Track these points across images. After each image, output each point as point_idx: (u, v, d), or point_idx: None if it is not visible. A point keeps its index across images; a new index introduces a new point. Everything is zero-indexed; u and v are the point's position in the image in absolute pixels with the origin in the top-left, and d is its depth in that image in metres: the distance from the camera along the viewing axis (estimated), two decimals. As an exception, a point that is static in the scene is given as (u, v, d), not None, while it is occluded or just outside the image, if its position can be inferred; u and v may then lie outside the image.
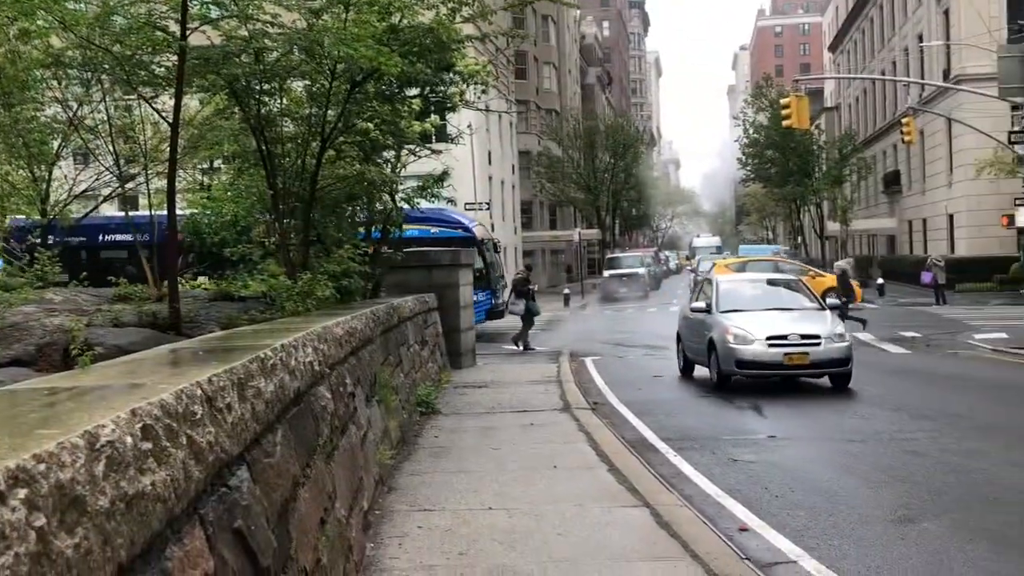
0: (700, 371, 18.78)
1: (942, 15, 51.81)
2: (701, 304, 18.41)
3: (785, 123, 36.91)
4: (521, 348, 25.48)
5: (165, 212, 12.73)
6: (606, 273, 57.83)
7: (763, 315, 17.45)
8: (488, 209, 49.22)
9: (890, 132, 61.36)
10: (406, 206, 17.78)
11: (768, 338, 16.45)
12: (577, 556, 7.11)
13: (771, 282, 21.57)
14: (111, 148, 17.70)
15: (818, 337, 16.50)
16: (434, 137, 19.14)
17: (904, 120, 41.45)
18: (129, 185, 18.94)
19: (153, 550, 3.01)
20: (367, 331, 9.83)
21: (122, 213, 21.65)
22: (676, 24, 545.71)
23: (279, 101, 14.45)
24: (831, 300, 18.93)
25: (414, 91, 16.86)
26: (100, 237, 26.94)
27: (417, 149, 17.35)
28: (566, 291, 52.00)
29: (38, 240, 16.85)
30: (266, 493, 4.45)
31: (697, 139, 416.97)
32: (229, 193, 16.80)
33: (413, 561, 7.04)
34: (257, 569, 4.04)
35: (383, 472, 9.38)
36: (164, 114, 14.72)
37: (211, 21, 12.12)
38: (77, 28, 11.99)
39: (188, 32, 11.22)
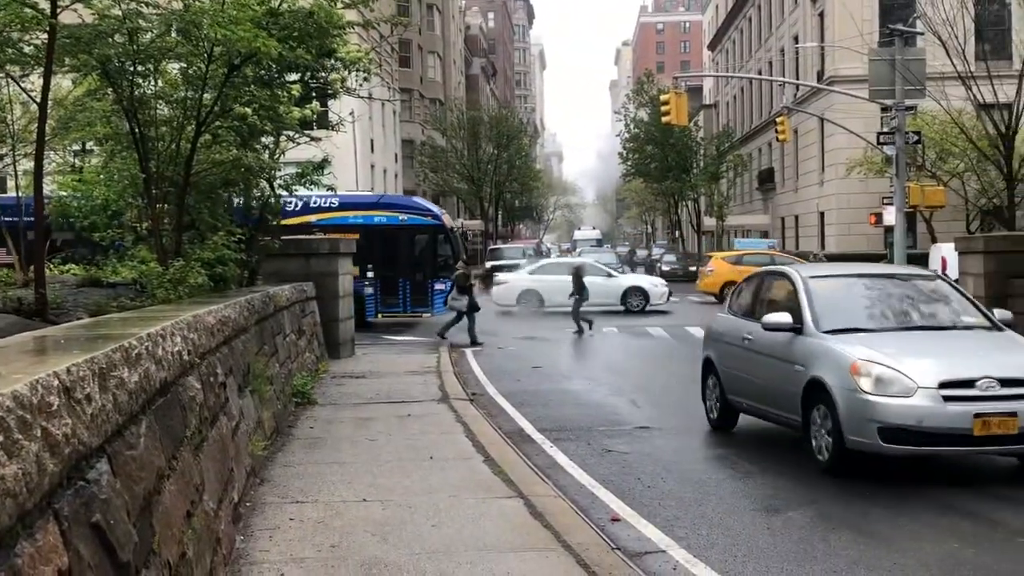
0: (749, 421, 12.40)
1: (817, 17, 53.24)
2: (781, 318, 10.94)
3: (665, 119, 37.45)
4: (470, 341, 24.30)
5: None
6: (488, 264, 57.94)
7: (908, 340, 10.51)
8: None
9: (765, 130, 62.84)
10: (284, 193, 17.54)
11: (942, 384, 9.40)
12: (450, 547, 7.11)
13: (891, 278, 12.59)
14: (-24, 128, 17.06)
15: None
16: (315, 124, 18.90)
17: (779, 119, 42.45)
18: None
19: (2, 546, 2.91)
20: (241, 320, 9.67)
21: None
22: (561, 18, 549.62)
23: (154, 83, 14.10)
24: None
25: (294, 76, 16.62)
26: None
27: (296, 136, 17.10)
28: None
29: None
30: (128, 486, 4.34)
31: (580, 132, 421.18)
32: (101, 176, 16.33)
33: (284, 554, 6.96)
34: (116, 564, 3.93)
35: (256, 463, 9.24)
36: (33, 94, 14.23)
37: (83, -1, 11.73)
38: (-60, 3, 11.49)
39: (59, 10, 10.85)
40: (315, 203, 29.23)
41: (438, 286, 29.04)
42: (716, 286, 37.58)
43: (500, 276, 36.95)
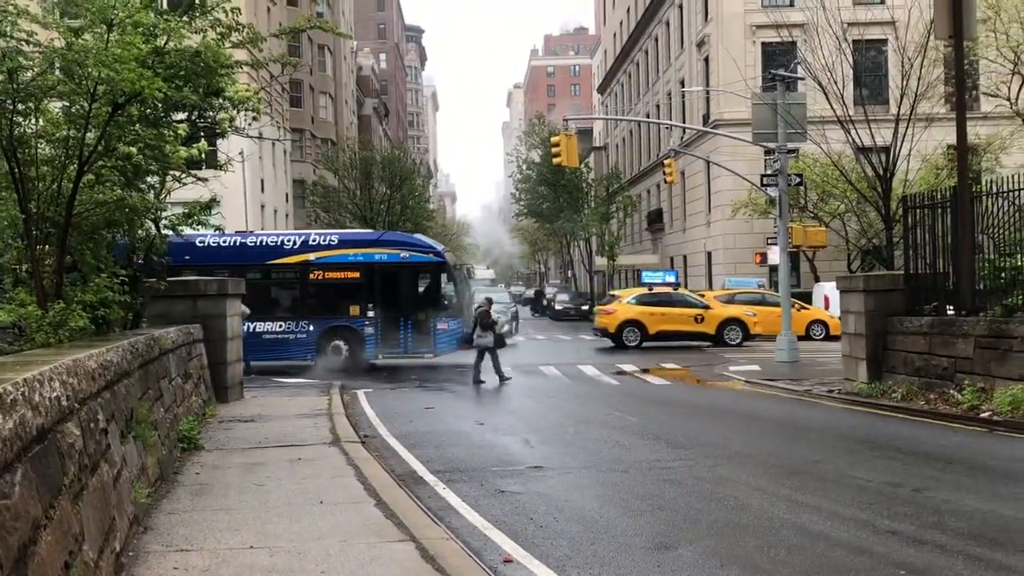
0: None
1: (703, 62, 54.58)
2: None
3: (556, 160, 37.87)
4: (480, 379, 24.31)
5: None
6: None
7: None
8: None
9: (654, 172, 64.01)
10: (171, 233, 17.20)
11: None
12: (340, 593, 7.01)
13: None
14: None
15: None
16: (203, 163, 18.59)
17: (666, 161, 43.29)
18: None
19: None
20: (124, 364, 9.43)
21: None
22: (453, 60, 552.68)
23: (35, 121, 13.73)
24: None
25: (181, 115, 16.36)
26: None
27: (183, 175, 16.80)
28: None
29: None
30: (1, 537, 4.18)
31: (474, 173, 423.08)
32: (-19, 217, 15.81)
33: (168, 604, 6.77)
34: (-13, 620, 3.78)
35: (139, 511, 8.99)
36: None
37: (-41, 36, 11.42)
38: None
39: (-67, 46, 10.54)
40: (314, 241, 28.80)
41: (440, 326, 28.65)
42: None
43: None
